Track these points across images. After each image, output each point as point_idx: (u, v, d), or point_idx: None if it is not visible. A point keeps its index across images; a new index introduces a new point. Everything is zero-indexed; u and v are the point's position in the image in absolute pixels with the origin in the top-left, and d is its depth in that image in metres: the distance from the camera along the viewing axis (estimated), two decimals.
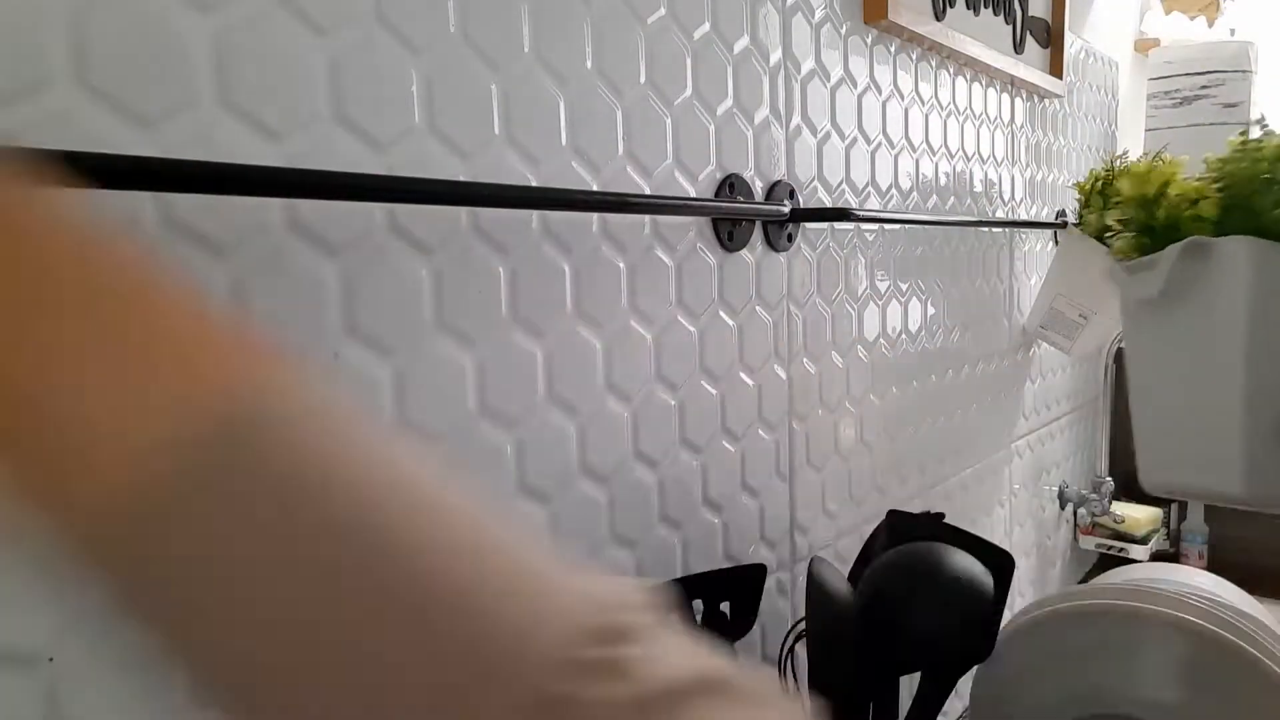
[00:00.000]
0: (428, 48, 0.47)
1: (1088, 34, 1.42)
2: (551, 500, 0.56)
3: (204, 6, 0.38)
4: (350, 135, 0.44)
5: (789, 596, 0.79)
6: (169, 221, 0.38)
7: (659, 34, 0.61)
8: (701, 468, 0.68)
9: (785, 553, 0.78)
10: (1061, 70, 1.21)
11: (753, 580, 0.65)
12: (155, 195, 0.37)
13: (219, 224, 0.39)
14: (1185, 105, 1.56)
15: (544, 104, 0.54)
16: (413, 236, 0.47)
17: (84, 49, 0.35)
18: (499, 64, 0.51)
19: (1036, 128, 1.24)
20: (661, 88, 0.62)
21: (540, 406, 0.55)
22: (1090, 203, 1.15)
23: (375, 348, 0.46)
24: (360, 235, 0.45)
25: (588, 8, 0.56)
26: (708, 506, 0.69)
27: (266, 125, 0.41)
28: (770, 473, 0.75)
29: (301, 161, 0.42)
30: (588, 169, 0.57)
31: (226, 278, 0.40)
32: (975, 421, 1.13)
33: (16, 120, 0.33)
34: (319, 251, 0.43)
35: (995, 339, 1.18)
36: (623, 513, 0.61)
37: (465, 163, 0.49)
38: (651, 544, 0.63)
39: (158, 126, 0.37)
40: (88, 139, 0.35)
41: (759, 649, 0.74)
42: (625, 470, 0.61)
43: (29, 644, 0.35)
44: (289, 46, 0.42)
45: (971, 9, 0.99)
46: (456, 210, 0.49)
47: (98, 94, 0.35)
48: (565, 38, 0.55)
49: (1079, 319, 1.19)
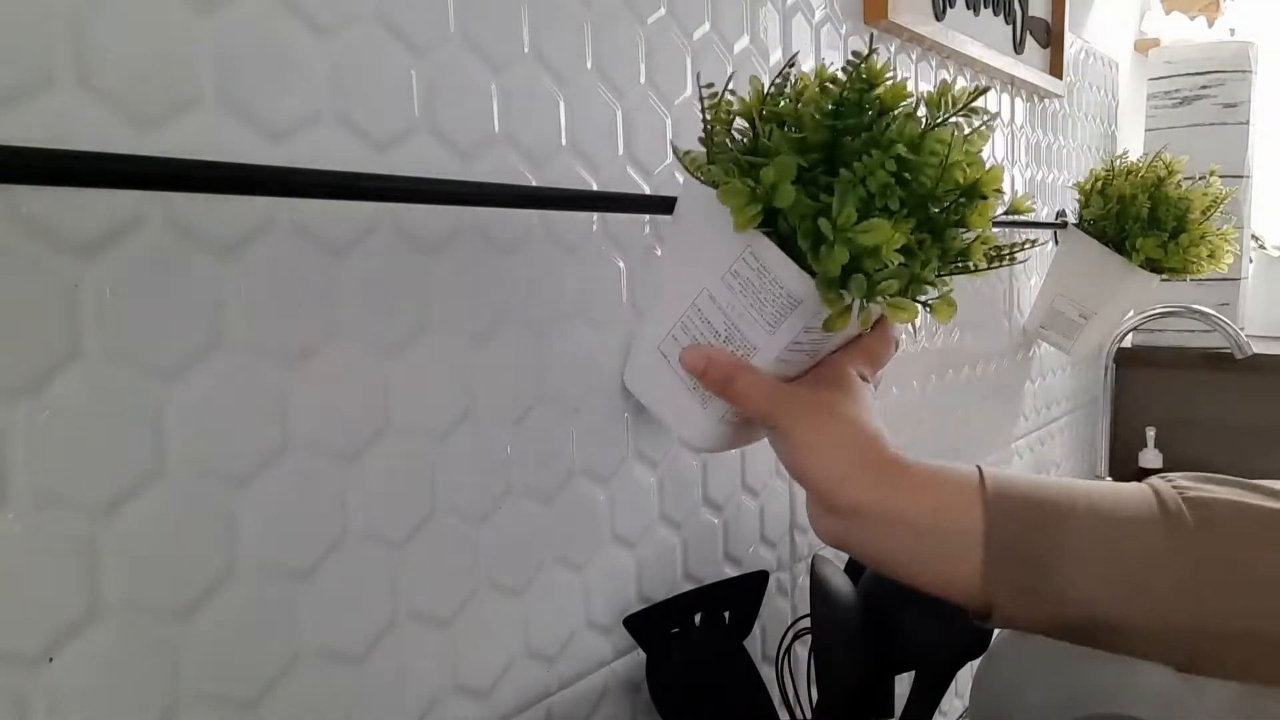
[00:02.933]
0: (428, 48, 0.47)
1: (1088, 34, 1.42)
2: (552, 500, 0.56)
3: (205, 7, 0.38)
4: (350, 135, 0.44)
5: (789, 596, 0.79)
6: (170, 222, 0.38)
7: (659, 34, 0.61)
8: (701, 467, 0.68)
9: (785, 553, 0.78)
10: (1061, 70, 1.21)
11: (754, 588, 0.65)
12: (156, 195, 0.37)
13: (220, 224, 0.39)
14: (1185, 105, 1.56)
15: (544, 104, 0.54)
16: (414, 236, 0.47)
17: (85, 49, 0.35)
18: (499, 64, 0.51)
19: (1036, 128, 1.24)
20: (661, 88, 0.62)
21: (541, 406, 0.55)
22: (1090, 203, 1.15)
23: (378, 348, 0.46)
24: (362, 235, 0.45)
25: (588, 8, 0.56)
26: (708, 506, 0.69)
27: (267, 125, 0.41)
28: (770, 473, 0.75)
29: (303, 162, 0.42)
30: (588, 169, 0.57)
31: (228, 278, 0.40)
32: (975, 421, 1.13)
33: (17, 120, 0.33)
34: (321, 251, 0.43)
35: (995, 339, 1.18)
36: (623, 512, 0.61)
37: (465, 163, 0.49)
38: (651, 544, 0.64)
39: (158, 127, 0.37)
40: (88, 139, 0.35)
41: (759, 648, 0.74)
42: (625, 470, 0.61)
43: (29, 644, 0.35)
44: (289, 47, 0.42)
45: (971, 9, 0.99)
46: (458, 210, 0.49)
47: (98, 94, 0.35)
48: (565, 38, 0.55)
49: (1079, 319, 1.19)
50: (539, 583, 0.56)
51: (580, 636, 0.59)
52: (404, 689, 0.48)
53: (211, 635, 0.40)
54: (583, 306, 0.57)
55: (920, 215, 0.42)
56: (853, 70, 0.42)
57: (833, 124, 0.41)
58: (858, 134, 0.41)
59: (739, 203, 0.41)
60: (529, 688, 0.55)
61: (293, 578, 0.43)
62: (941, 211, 0.43)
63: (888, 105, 0.42)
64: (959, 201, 0.43)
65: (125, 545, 0.37)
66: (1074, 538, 0.40)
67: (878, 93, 0.42)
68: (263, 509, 0.42)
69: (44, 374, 0.35)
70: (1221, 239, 1.11)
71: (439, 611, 0.50)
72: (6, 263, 0.33)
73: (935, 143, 0.41)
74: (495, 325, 0.52)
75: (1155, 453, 1.58)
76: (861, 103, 0.42)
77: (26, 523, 0.34)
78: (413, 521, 0.48)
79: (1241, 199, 1.54)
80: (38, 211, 0.34)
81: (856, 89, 0.41)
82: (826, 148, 0.42)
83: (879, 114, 0.42)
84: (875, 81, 0.41)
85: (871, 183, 0.40)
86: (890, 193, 0.40)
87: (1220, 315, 1.41)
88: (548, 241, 0.54)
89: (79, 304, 0.35)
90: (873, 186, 0.40)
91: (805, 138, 0.42)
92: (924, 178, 0.41)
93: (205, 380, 0.39)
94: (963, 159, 0.42)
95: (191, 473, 0.39)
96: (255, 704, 0.42)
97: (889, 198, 0.40)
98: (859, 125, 0.42)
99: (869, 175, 0.40)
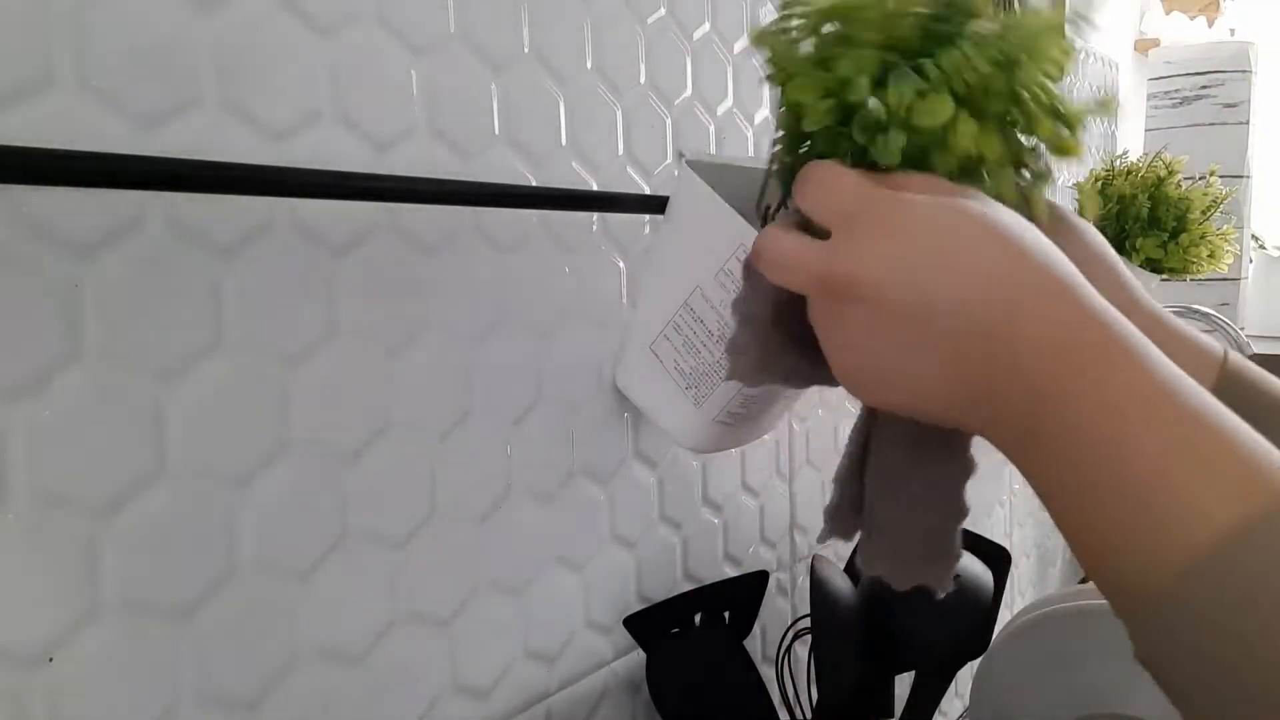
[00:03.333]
0: (428, 48, 0.47)
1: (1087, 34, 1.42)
2: (552, 500, 0.56)
3: (205, 7, 0.38)
4: (350, 135, 0.44)
5: (789, 596, 0.79)
6: (170, 222, 0.38)
7: (659, 34, 0.61)
8: (701, 467, 0.68)
9: (785, 553, 0.78)
10: None
11: (754, 589, 0.65)
12: (156, 195, 0.37)
13: (220, 224, 0.39)
14: (1185, 105, 1.56)
15: (544, 104, 0.54)
16: (414, 236, 0.47)
17: (85, 49, 0.35)
18: (499, 64, 0.51)
19: None
20: (661, 88, 0.62)
21: (541, 406, 0.55)
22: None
23: (378, 348, 0.46)
24: (362, 235, 0.45)
25: (588, 8, 0.56)
26: (708, 506, 0.69)
27: (267, 125, 0.41)
28: (770, 473, 0.75)
29: (303, 162, 0.42)
30: (587, 169, 0.57)
31: (229, 278, 0.40)
32: None
33: (18, 120, 0.33)
34: (321, 251, 0.43)
35: None
36: (623, 512, 0.61)
37: (465, 163, 0.49)
38: (651, 544, 0.63)
39: (159, 127, 0.37)
40: (88, 139, 0.35)
41: (759, 648, 0.74)
42: (625, 470, 0.61)
43: (29, 644, 0.35)
44: (289, 47, 0.42)
45: None
46: (458, 210, 0.49)
47: (99, 94, 0.35)
48: (565, 38, 0.55)
49: None
50: (539, 583, 0.55)
51: (580, 636, 0.59)
52: (404, 689, 0.48)
53: (211, 635, 0.40)
54: (583, 306, 0.57)
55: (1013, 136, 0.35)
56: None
57: (930, 17, 0.34)
58: (957, 29, 0.33)
59: (811, 98, 0.34)
60: (529, 688, 0.55)
61: (293, 578, 0.43)
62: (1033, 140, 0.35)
63: (976, 10, 0.34)
64: (1060, 129, 0.35)
65: (125, 545, 0.37)
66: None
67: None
68: (263, 509, 0.42)
69: (44, 374, 0.35)
70: (1221, 239, 1.11)
71: (439, 611, 0.50)
72: (6, 263, 0.33)
73: (1058, 50, 0.33)
74: (495, 325, 0.52)
75: None
76: (968, 6, 0.34)
77: (26, 523, 0.34)
78: (413, 521, 0.48)
79: (1241, 199, 1.54)
80: (38, 211, 0.34)
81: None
82: (916, 47, 0.34)
83: (969, 16, 0.34)
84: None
85: (957, 81, 0.32)
86: (994, 89, 0.32)
87: (1220, 315, 1.41)
88: (548, 241, 0.54)
89: (79, 304, 0.35)
90: (959, 86, 0.32)
91: (891, 38, 0.34)
92: (1037, 88, 0.33)
93: (205, 380, 0.39)
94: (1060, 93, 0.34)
95: (191, 473, 0.39)
96: (255, 704, 0.42)
97: (991, 102, 0.32)
98: (947, 29, 0.33)
99: (959, 71, 0.32)
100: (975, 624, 0.65)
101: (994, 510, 1.20)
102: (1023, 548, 1.31)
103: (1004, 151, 0.33)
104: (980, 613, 0.65)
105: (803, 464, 0.79)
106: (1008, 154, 0.34)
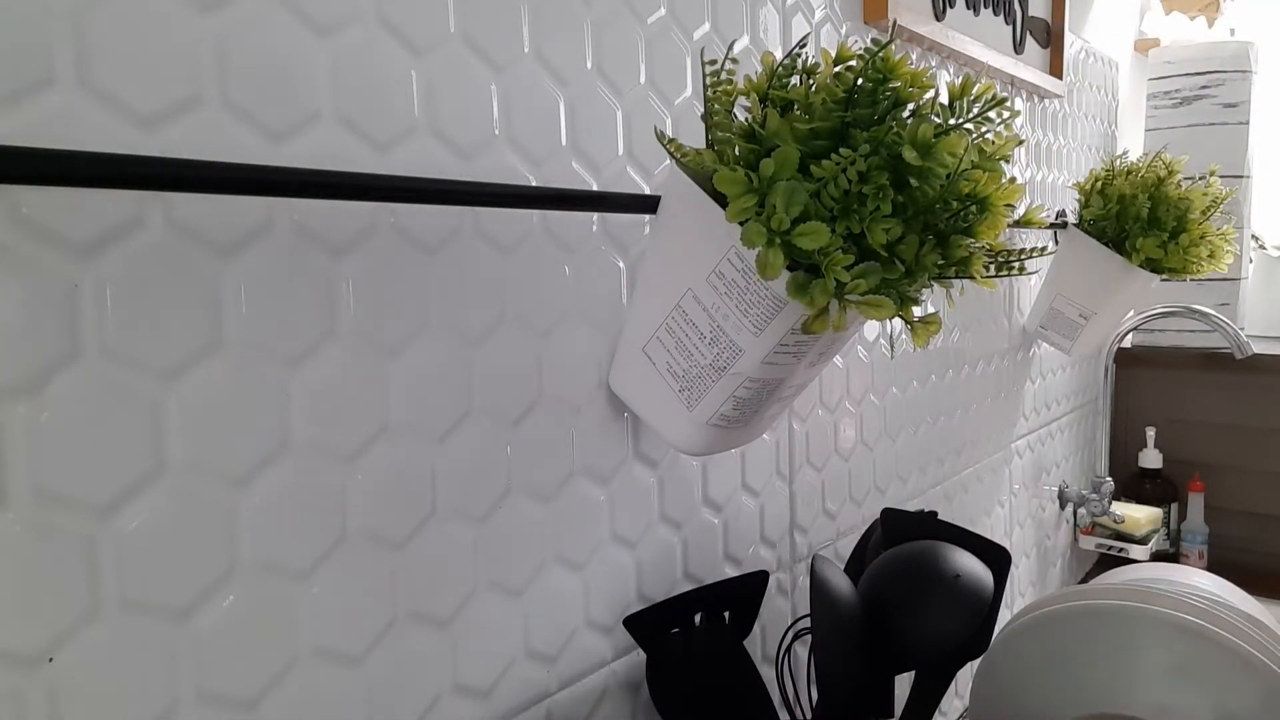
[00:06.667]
0: (428, 48, 0.47)
1: (1088, 34, 1.42)
2: (552, 500, 0.56)
3: (206, 7, 0.38)
4: (350, 135, 0.44)
5: (789, 596, 0.79)
6: (170, 222, 0.38)
7: (659, 34, 0.61)
8: (701, 467, 0.68)
9: (785, 553, 0.78)
10: (1061, 70, 1.21)
11: (754, 589, 0.65)
12: (156, 195, 0.37)
13: (220, 224, 0.39)
14: (1185, 105, 1.56)
15: (544, 104, 0.54)
16: (414, 236, 0.47)
17: (85, 48, 0.35)
18: (499, 64, 0.51)
19: (1036, 128, 1.24)
20: (661, 88, 0.62)
21: (541, 406, 0.55)
22: (1090, 203, 1.16)
23: (378, 348, 0.46)
24: (362, 235, 0.45)
25: (588, 8, 0.56)
26: (708, 506, 0.69)
27: (267, 125, 0.41)
28: (770, 473, 0.75)
29: (303, 162, 0.42)
30: (588, 169, 0.57)
31: (228, 278, 0.40)
32: (975, 421, 1.13)
33: (17, 120, 0.33)
34: (321, 251, 0.43)
35: (995, 339, 1.18)
36: (623, 512, 0.61)
37: (465, 163, 0.49)
38: (651, 544, 0.64)
39: (159, 126, 0.37)
40: (88, 139, 0.35)
41: (759, 648, 0.74)
42: (625, 470, 0.61)
43: (29, 644, 0.35)
44: (289, 46, 0.42)
45: (971, 9, 0.99)
46: (458, 210, 0.49)
47: (99, 94, 0.35)
48: (565, 38, 0.55)
49: (1079, 319, 1.19)
50: (539, 583, 0.56)
51: (580, 636, 0.59)
52: (404, 689, 0.48)
53: (211, 635, 0.40)
54: (583, 306, 0.57)
55: (921, 220, 0.40)
56: (869, 57, 0.38)
57: (843, 114, 0.38)
58: (867, 127, 0.38)
59: (735, 191, 0.38)
60: (529, 688, 0.55)
61: (293, 578, 0.43)
62: (949, 218, 0.40)
63: (904, 98, 0.39)
64: (968, 210, 0.40)
65: (125, 545, 0.37)
66: None
67: (894, 84, 0.38)
68: (263, 509, 0.42)
69: (44, 374, 0.35)
70: (1221, 239, 1.11)
71: (439, 611, 0.50)
72: (6, 263, 0.33)
73: (946, 153, 0.37)
74: (495, 325, 0.52)
75: (1155, 452, 1.59)
76: (876, 93, 0.38)
77: (26, 523, 0.34)
78: (413, 521, 0.48)
79: (1241, 199, 1.54)
80: (38, 211, 0.34)
81: (873, 77, 0.38)
82: (835, 138, 0.39)
83: (894, 105, 0.38)
84: (891, 74, 0.38)
85: (851, 173, 0.37)
86: (884, 195, 0.37)
87: (1220, 315, 1.41)
88: (548, 241, 0.54)
89: (79, 304, 0.35)
90: (851, 177, 0.37)
91: (814, 126, 0.38)
92: (927, 187, 0.38)
93: (205, 380, 0.39)
94: (982, 165, 0.39)
95: (191, 473, 0.39)
96: (255, 704, 0.42)
97: (881, 200, 0.37)
98: (870, 117, 0.38)
99: (849, 166, 0.37)
100: (975, 624, 0.65)
101: (994, 510, 1.21)
102: (1023, 548, 1.31)
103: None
104: (980, 613, 0.65)
105: (803, 464, 0.79)
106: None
